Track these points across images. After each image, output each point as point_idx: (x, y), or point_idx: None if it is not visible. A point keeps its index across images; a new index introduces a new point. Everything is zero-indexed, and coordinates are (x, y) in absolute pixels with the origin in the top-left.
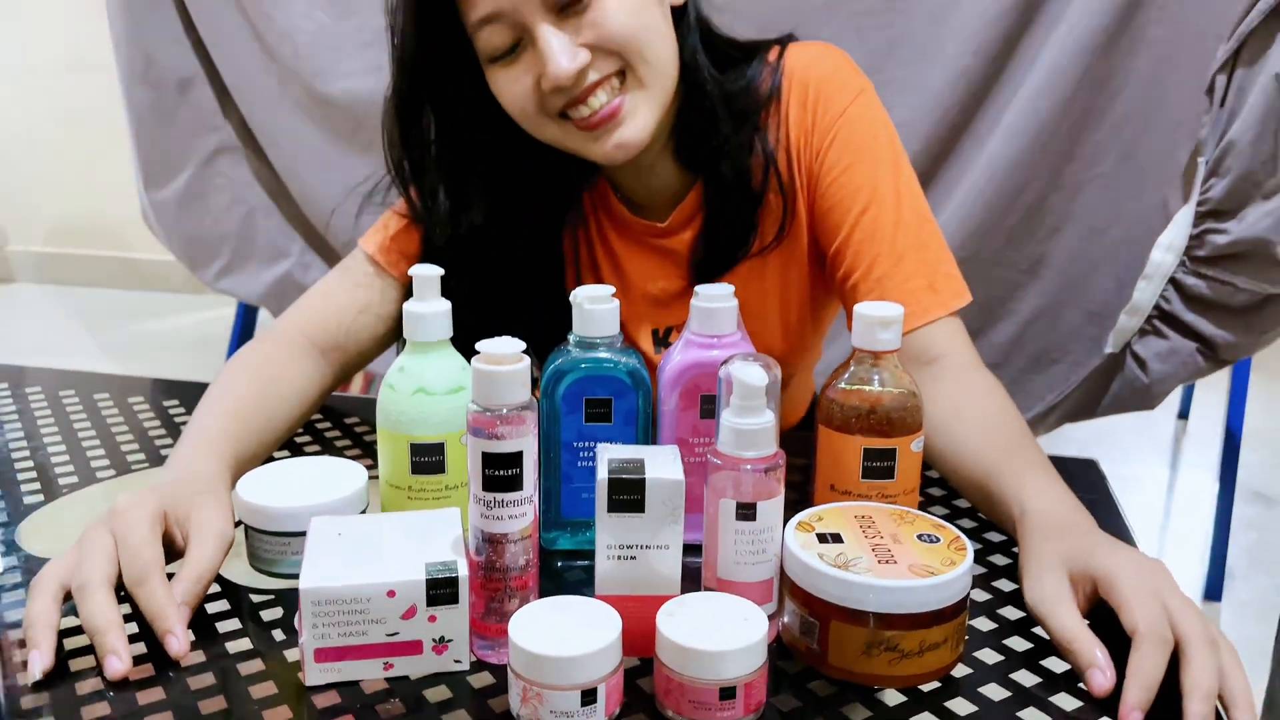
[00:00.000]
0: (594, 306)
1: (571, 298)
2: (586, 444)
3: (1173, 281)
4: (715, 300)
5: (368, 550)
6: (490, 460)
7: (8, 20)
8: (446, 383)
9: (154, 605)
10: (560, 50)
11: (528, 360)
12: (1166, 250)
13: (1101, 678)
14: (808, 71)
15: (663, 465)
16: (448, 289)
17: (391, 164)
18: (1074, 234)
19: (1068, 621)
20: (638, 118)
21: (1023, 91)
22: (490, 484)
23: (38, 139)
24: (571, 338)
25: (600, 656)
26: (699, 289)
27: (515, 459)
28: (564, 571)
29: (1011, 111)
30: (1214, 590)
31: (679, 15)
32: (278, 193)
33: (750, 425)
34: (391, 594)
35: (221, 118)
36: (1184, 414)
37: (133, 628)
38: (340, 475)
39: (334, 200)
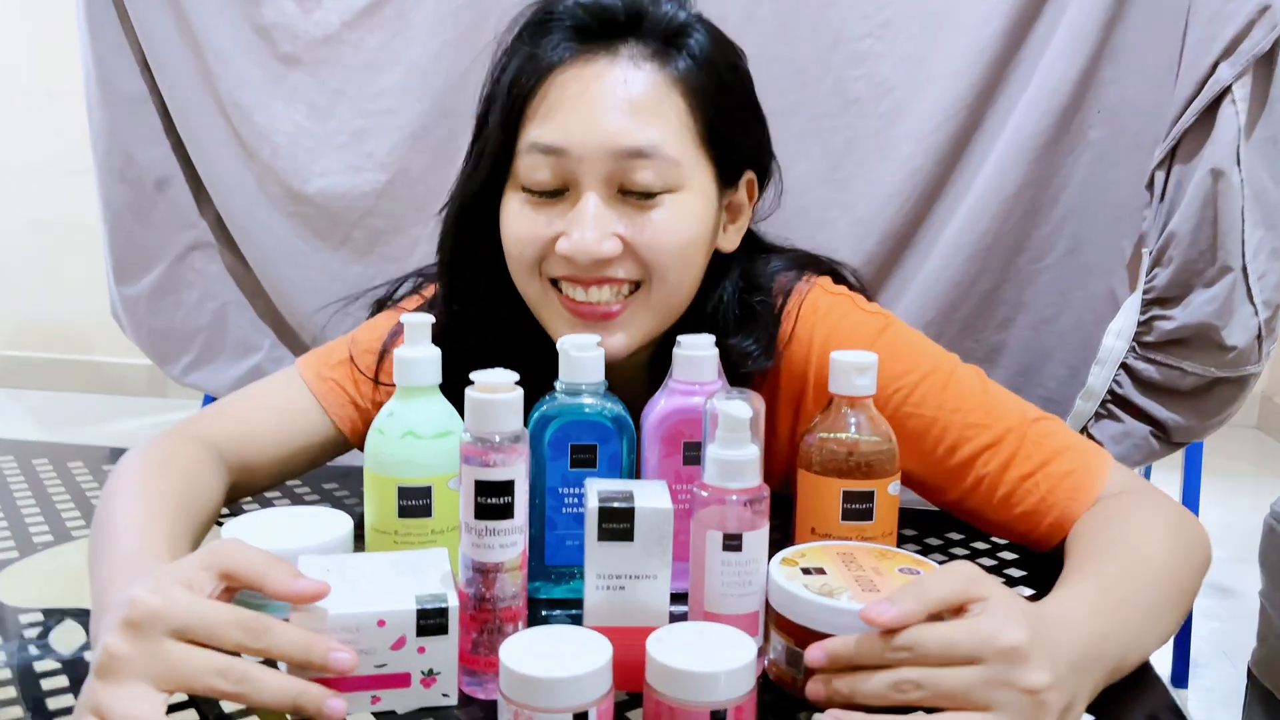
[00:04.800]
0: (580, 354)
1: (559, 345)
2: (572, 490)
3: (1124, 366)
4: (697, 349)
5: (357, 583)
6: (483, 488)
7: None
8: (435, 427)
9: (292, 641)
10: (596, 225)
11: (520, 391)
12: (1117, 336)
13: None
14: (827, 317)
15: (651, 496)
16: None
17: (441, 251)
18: (1026, 324)
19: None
20: (628, 331)
21: (973, 188)
22: (482, 512)
23: (2, 243)
24: (558, 384)
25: (592, 679)
26: (681, 338)
27: (507, 487)
28: (549, 620)
29: (963, 207)
30: (1180, 678)
31: (723, 259)
32: (251, 288)
33: (735, 457)
34: (381, 623)
35: (197, 215)
36: None
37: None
38: (325, 522)
39: (308, 294)
